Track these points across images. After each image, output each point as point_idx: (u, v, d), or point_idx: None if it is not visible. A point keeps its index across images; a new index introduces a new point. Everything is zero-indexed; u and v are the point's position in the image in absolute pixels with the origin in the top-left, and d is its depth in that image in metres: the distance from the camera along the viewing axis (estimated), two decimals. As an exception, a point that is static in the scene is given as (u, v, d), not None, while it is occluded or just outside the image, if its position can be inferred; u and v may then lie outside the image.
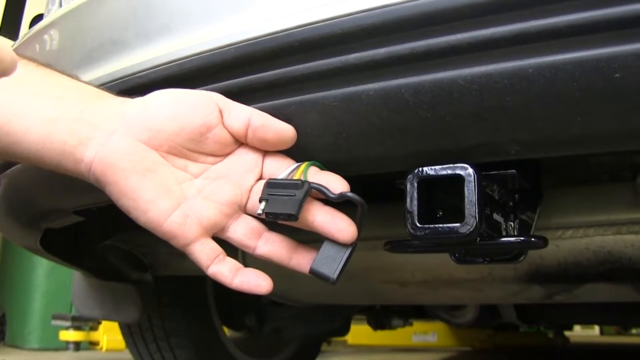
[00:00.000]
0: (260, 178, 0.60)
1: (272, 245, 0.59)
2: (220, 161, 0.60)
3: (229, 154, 0.60)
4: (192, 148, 0.58)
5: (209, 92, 0.60)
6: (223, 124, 0.58)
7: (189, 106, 0.58)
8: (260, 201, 0.57)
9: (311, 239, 0.60)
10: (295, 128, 0.59)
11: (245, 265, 0.59)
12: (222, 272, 0.58)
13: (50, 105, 0.56)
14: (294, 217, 0.55)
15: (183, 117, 0.57)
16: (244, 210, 0.60)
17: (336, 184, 0.57)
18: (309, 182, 0.56)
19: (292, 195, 0.55)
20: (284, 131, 0.59)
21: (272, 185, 0.57)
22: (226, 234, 0.60)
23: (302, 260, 0.59)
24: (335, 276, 0.56)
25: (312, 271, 0.57)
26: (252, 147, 0.60)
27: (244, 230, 0.59)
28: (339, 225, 0.56)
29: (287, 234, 0.60)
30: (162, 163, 0.57)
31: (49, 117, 0.56)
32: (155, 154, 0.57)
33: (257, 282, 0.58)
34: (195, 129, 0.57)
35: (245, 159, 0.60)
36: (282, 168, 0.60)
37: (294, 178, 0.58)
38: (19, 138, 0.55)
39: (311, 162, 0.59)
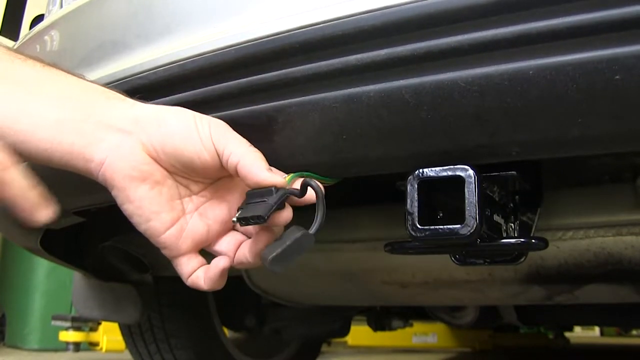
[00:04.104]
0: None
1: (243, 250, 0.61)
2: (217, 181, 0.62)
3: (224, 176, 0.62)
4: (189, 174, 0.60)
5: (210, 130, 0.59)
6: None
7: (195, 148, 0.58)
8: (237, 210, 0.58)
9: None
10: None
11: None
12: (198, 276, 0.60)
13: (57, 105, 0.57)
14: (263, 218, 0.55)
15: (187, 156, 0.58)
16: (233, 227, 0.62)
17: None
18: (284, 188, 0.57)
19: (265, 201, 0.56)
20: (264, 181, 0.58)
21: (250, 196, 0.58)
22: (212, 248, 0.62)
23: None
24: (270, 257, 0.56)
25: (262, 258, 0.58)
26: None
27: (229, 245, 0.61)
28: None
29: None
30: (168, 177, 0.59)
31: (55, 118, 0.56)
32: (162, 169, 0.59)
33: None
34: (194, 167, 0.59)
35: (239, 180, 0.61)
36: None
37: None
38: (27, 137, 0.55)
39: (297, 173, 0.60)
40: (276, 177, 0.57)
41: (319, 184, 0.58)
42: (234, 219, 0.57)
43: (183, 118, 0.59)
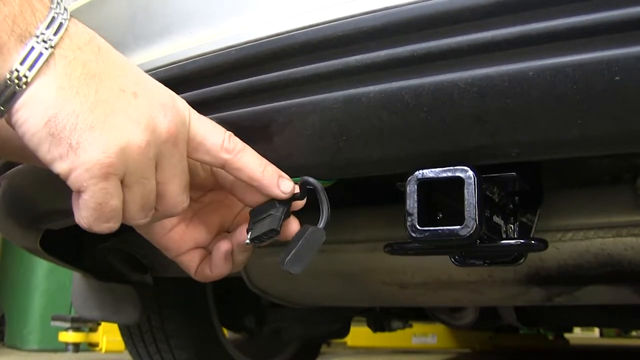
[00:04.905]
0: None
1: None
2: (215, 188, 0.63)
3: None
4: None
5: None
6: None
7: (195, 165, 0.59)
8: (247, 232, 0.59)
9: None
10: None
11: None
12: (204, 268, 0.62)
13: None
14: (276, 231, 0.56)
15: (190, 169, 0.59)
16: (228, 229, 0.64)
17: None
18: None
19: (271, 214, 0.57)
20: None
21: (254, 215, 0.59)
22: (209, 248, 0.63)
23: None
24: (286, 260, 0.56)
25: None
26: None
27: (225, 246, 0.62)
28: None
29: None
30: None
31: None
32: None
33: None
34: (194, 180, 0.60)
35: None
36: None
37: None
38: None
39: (292, 179, 0.60)
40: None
41: (315, 180, 0.59)
42: (247, 241, 0.58)
43: None
